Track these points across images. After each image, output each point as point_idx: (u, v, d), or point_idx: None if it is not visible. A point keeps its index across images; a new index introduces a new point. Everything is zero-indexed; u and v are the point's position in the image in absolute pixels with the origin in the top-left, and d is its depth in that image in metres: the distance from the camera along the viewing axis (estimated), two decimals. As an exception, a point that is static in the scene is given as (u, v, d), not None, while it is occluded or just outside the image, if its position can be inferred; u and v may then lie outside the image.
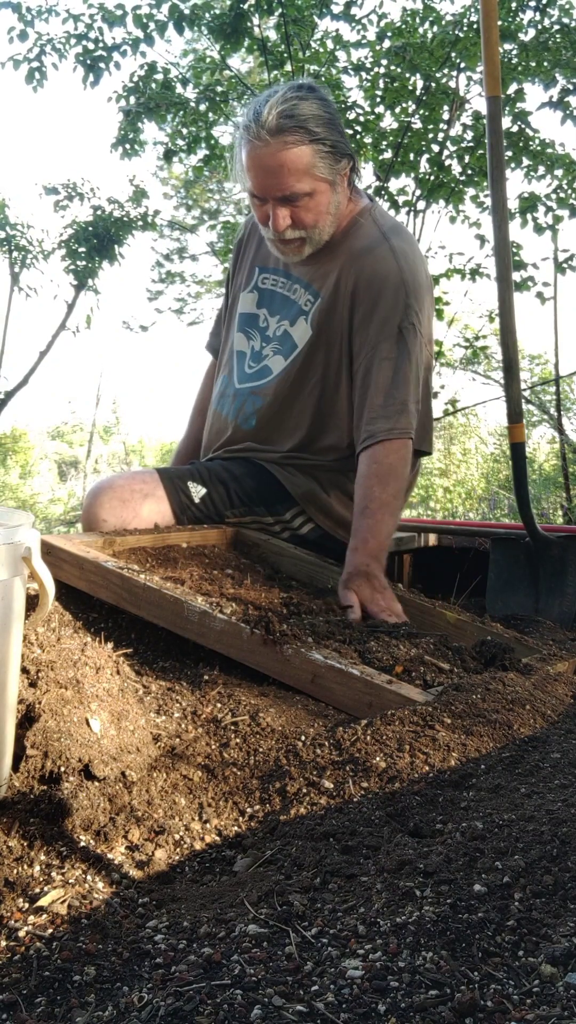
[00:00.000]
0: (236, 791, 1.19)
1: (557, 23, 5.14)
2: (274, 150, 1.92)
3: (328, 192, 2.01)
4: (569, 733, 1.34)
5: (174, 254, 15.37)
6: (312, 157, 1.94)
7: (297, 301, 2.19)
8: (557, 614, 2.43)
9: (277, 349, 2.20)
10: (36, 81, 5.41)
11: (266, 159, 1.93)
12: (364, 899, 0.84)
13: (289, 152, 1.92)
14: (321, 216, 2.03)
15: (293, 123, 1.91)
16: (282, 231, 2.02)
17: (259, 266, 2.27)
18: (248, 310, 2.29)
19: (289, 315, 2.19)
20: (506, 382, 2.45)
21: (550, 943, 0.73)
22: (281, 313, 2.22)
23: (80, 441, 20.72)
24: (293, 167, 1.94)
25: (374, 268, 2.05)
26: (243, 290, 2.31)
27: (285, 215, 2.00)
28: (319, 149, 1.95)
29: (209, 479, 2.17)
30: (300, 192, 1.97)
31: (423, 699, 1.39)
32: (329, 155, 1.97)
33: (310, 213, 2.01)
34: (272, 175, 1.95)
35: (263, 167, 1.95)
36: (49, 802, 1.07)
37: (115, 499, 2.06)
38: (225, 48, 5.38)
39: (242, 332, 2.30)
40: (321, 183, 1.99)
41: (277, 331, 2.22)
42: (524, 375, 9.68)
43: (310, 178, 1.96)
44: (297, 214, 2.01)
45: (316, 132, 1.93)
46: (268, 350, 2.22)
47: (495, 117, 2.30)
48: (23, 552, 1.10)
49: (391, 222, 2.18)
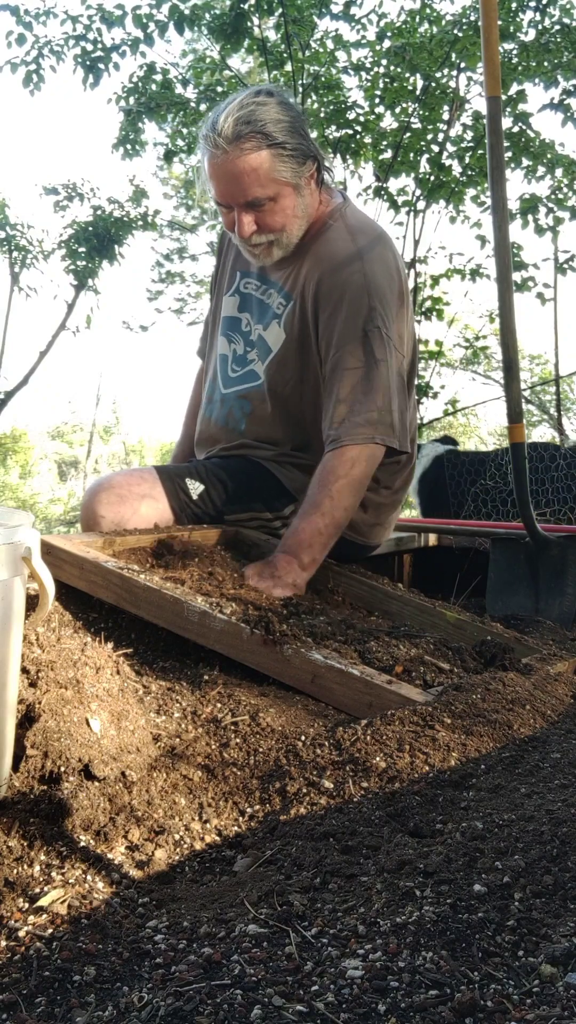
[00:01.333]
0: (236, 791, 1.19)
1: (557, 23, 5.15)
2: (232, 157, 1.92)
3: (292, 195, 2.01)
4: (569, 733, 1.34)
5: (174, 254, 15.36)
6: (272, 161, 1.94)
7: (271, 305, 2.19)
8: (557, 614, 2.43)
9: (258, 355, 2.21)
10: (33, 84, 5.42)
11: (226, 166, 1.94)
12: (364, 899, 0.84)
13: (247, 158, 1.92)
14: (288, 219, 2.02)
15: (250, 129, 1.91)
16: (248, 237, 2.02)
17: (240, 270, 2.28)
18: (231, 314, 2.29)
19: (263, 320, 2.20)
20: (506, 382, 2.45)
21: (550, 943, 0.73)
22: (256, 317, 2.23)
23: (80, 441, 20.72)
24: (253, 173, 1.93)
25: (337, 271, 2.04)
26: (226, 294, 2.31)
27: (250, 221, 2.00)
28: (279, 153, 1.94)
29: (207, 476, 2.17)
30: (263, 197, 1.97)
31: (423, 699, 1.39)
32: (290, 158, 1.96)
33: (276, 217, 2.01)
34: (233, 182, 1.95)
35: (224, 174, 1.95)
36: (49, 802, 1.07)
37: (113, 496, 2.06)
38: (225, 48, 5.38)
39: (225, 336, 2.30)
40: (284, 187, 1.98)
41: (254, 336, 2.22)
42: (524, 375, 9.68)
43: (272, 183, 1.96)
44: (262, 219, 2.00)
45: (274, 136, 1.93)
46: (252, 355, 2.23)
47: (495, 117, 2.30)
48: (23, 552, 1.10)
49: (361, 222, 2.16)
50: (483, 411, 13.12)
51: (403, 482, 2.27)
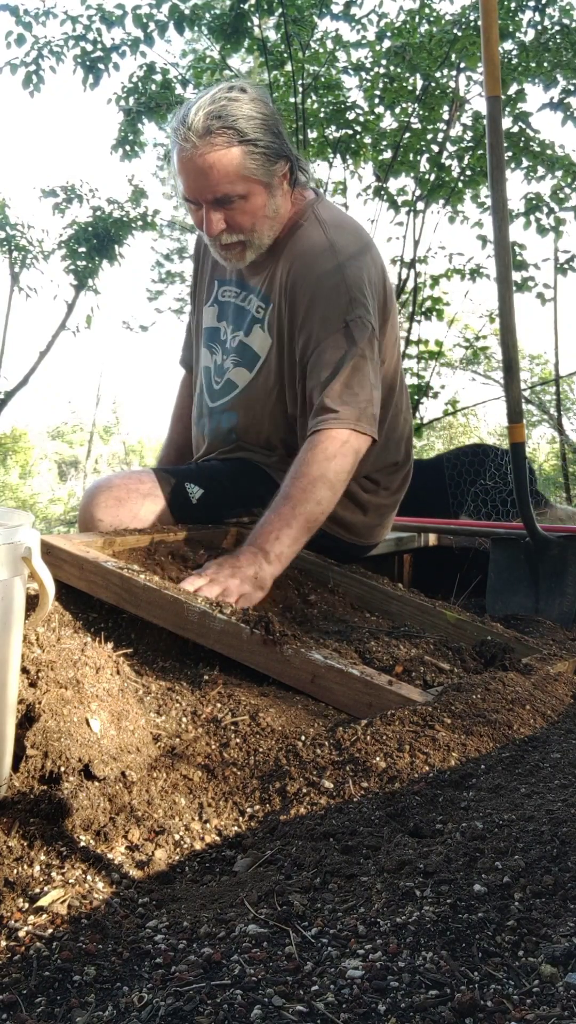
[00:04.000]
0: (236, 791, 1.19)
1: (557, 23, 5.15)
2: (202, 151, 1.87)
3: (263, 194, 1.95)
4: (569, 733, 1.34)
5: (174, 254, 15.37)
6: (242, 158, 1.89)
7: (249, 310, 2.14)
8: (557, 614, 2.43)
9: (237, 361, 2.16)
10: (33, 85, 5.42)
11: (195, 160, 1.88)
12: (364, 899, 0.84)
13: (217, 153, 1.87)
14: (258, 219, 1.97)
15: (221, 124, 1.86)
16: (216, 235, 1.96)
17: (218, 279, 2.24)
18: (211, 324, 2.25)
19: (242, 325, 2.15)
20: (506, 382, 2.45)
21: (550, 943, 0.73)
22: (234, 324, 2.18)
23: (80, 441, 20.73)
24: (223, 168, 1.88)
25: (311, 266, 1.99)
26: (206, 304, 2.27)
27: (219, 219, 1.95)
28: (250, 150, 1.89)
29: (206, 479, 2.16)
30: (232, 194, 1.91)
31: (423, 699, 1.39)
32: (262, 156, 1.91)
33: (246, 216, 1.95)
34: (201, 176, 1.89)
35: (192, 169, 1.90)
36: (49, 802, 1.07)
37: (112, 499, 2.05)
38: (225, 48, 5.38)
39: (207, 347, 2.26)
40: (255, 185, 1.92)
41: (232, 342, 2.18)
42: (524, 375, 9.68)
43: (242, 180, 1.90)
44: (232, 217, 1.95)
45: (246, 133, 1.88)
46: (228, 362, 2.18)
47: (495, 117, 2.30)
48: (23, 552, 1.10)
49: (334, 216, 2.10)
50: (483, 411, 13.12)
51: (401, 483, 2.26)
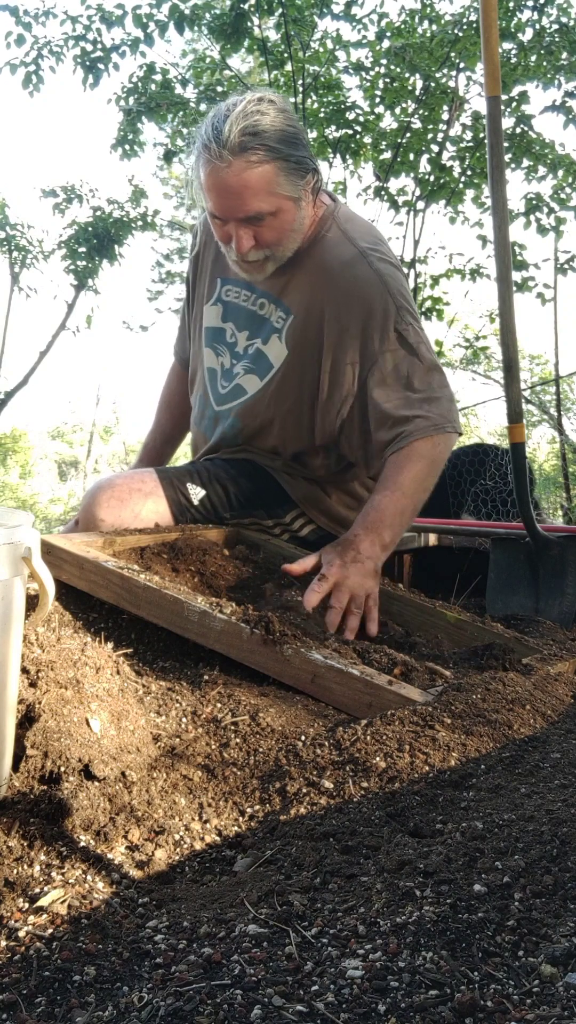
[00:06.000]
0: (236, 791, 1.19)
1: (555, 22, 5.15)
2: (237, 170, 1.82)
3: (293, 210, 1.92)
4: (569, 733, 1.34)
5: (174, 254, 15.39)
6: (276, 176, 1.85)
7: (268, 317, 2.10)
8: (557, 614, 2.43)
9: (249, 368, 2.13)
10: (33, 85, 5.42)
11: (228, 179, 1.83)
12: (364, 899, 0.84)
13: (252, 172, 1.82)
14: (285, 234, 1.95)
15: (256, 141, 1.81)
16: (245, 252, 1.93)
17: (220, 277, 2.20)
18: (214, 324, 2.22)
19: (261, 333, 2.12)
20: (506, 382, 2.45)
21: (550, 943, 0.73)
22: (250, 329, 2.15)
23: (80, 441, 20.74)
24: (256, 187, 1.84)
25: (354, 283, 1.98)
26: (206, 302, 2.23)
27: (248, 236, 1.91)
28: (283, 167, 1.85)
29: (208, 481, 2.16)
30: (264, 212, 1.88)
31: (423, 699, 1.39)
32: (293, 172, 1.87)
33: (274, 232, 1.92)
34: (235, 196, 1.85)
35: (225, 188, 1.84)
36: (49, 802, 1.07)
37: (113, 499, 2.05)
38: (225, 48, 5.39)
39: (210, 348, 2.23)
40: (285, 201, 1.90)
41: (248, 348, 2.14)
42: (524, 375, 9.68)
43: (274, 197, 1.87)
44: (260, 234, 1.92)
45: (279, 149, 1.83)
46: (239, 367, 2.15)
47: (495, 117, 2.30)
48: (23, 552, 1.10)
49: (356, 224, 2.09)
50: (483, 411, 13.12)
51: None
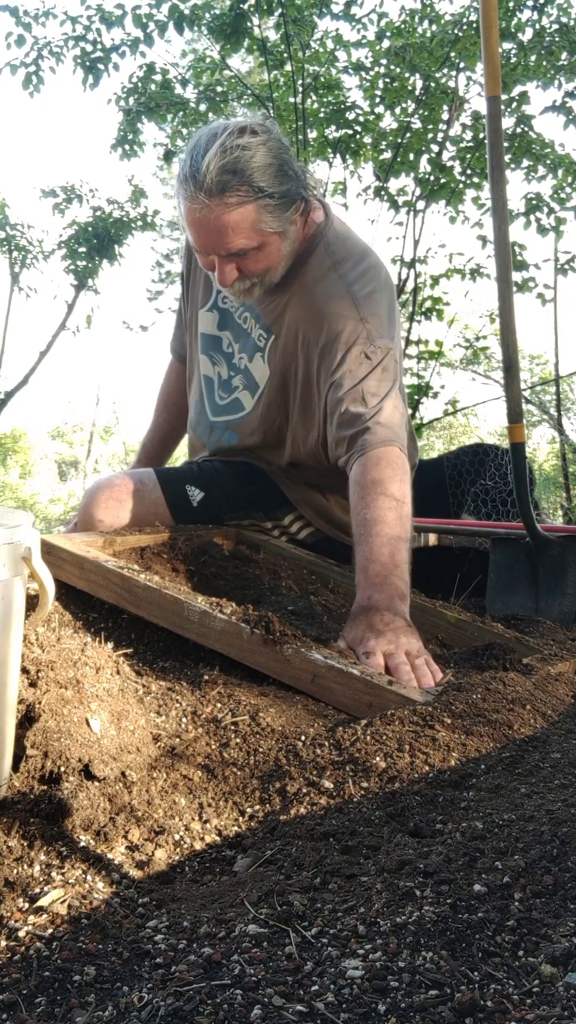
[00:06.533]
0: (236, 791, 1.19)
1: (555, 22, 5.15)
2: (217, 213, 1.75)
3: (278, 242, 1.87)
4: (569, 733, 1.34)
5: (174, 254, 15.37)
6: (258, 214, 1.78)
7: (251, 334, 2.09)
8: (557, 614, 2.42)
9: (245, 384, 2.13)
10: (33, 86, 5.42)
11: (207, 220, 1.76)
12: (364, 899, 0.84)
13: (232, 213, 1.75)
14: (271, 264, 1.90)
15: (237, 180, 1.73)
16: (229, 284, 1.89)
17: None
18: (210, 331, 2.19)
19: (247, 349, 2.11)
20: (506, 382, 2.45)
21: (550, 943, 0.73)
22: (240, 343, 2.13)
23: (80, 441, 20.74)
24: (238, 227, 1.77)
25: (326, 303, 1.93)
26: (202, 307, 2.20)
27: (231, 269, 1.86)
28: (266, 204, 1.78)
29: (207, 483, 2.16)
30: (247, 248, 1.82)
31: (423, 699, 1.39)
32: (277, 208, 1.81)
33: (259, 263, 1.88)
34: (216, 234, 1.79)
35: (204, 227, 1.78)
36: (49, 802, 1.06)
37: (112, 500, 2.05)
38: (225, 48, 5.39)
39: (206, 355, 2.20)
40: (270, 236, 1.84)
41: (240, 363, 2.14)
42: (524, 375, 9.69)
43: (257, 234, 1.81)
44: (244, 265, 1.87)
45: (262, 188, 1.76)
46: (237, 381, 2.14)
47: (495, 117, 2.29)
48: (23, 552, 1.10)
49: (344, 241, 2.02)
50: (483, 411, 13.14)
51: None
